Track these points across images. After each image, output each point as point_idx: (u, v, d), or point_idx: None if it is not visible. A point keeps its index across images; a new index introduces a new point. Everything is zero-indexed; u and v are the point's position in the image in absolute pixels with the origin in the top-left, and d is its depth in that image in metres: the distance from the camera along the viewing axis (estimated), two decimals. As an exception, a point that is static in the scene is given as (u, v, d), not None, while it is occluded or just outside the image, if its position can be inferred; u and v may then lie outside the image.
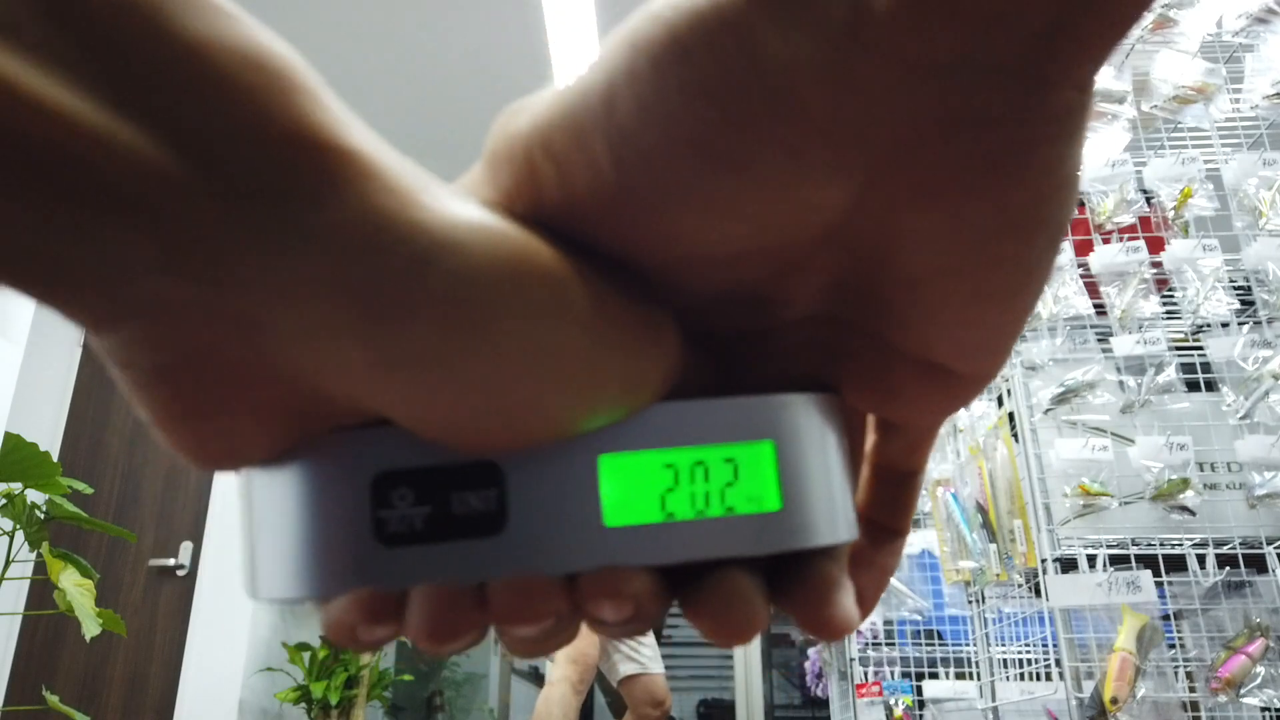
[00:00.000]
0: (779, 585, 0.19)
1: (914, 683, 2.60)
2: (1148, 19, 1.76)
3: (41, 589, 2.97)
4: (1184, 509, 1.63)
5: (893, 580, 2.63)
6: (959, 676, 2.55)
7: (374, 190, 0.15)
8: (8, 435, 1.94)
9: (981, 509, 1.91)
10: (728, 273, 0.18)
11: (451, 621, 0.17)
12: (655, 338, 0.18)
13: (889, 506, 0.23)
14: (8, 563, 1.95)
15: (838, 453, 0.20)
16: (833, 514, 0.19)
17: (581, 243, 0.17)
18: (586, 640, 2.49)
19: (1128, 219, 1.75)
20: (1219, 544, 1.66)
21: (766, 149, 0.15)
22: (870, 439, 0.23)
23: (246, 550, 0.19)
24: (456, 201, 0.16)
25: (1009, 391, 1.75)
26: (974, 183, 0.16)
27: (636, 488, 0.18)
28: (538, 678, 4.26)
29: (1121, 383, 1.70)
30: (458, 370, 0.16)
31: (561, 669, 2.42)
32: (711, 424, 0.18)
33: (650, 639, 2.81)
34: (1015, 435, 1.73)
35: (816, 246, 0.18)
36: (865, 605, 0.22)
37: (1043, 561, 1.62)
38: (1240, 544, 1.65)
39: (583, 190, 0.16)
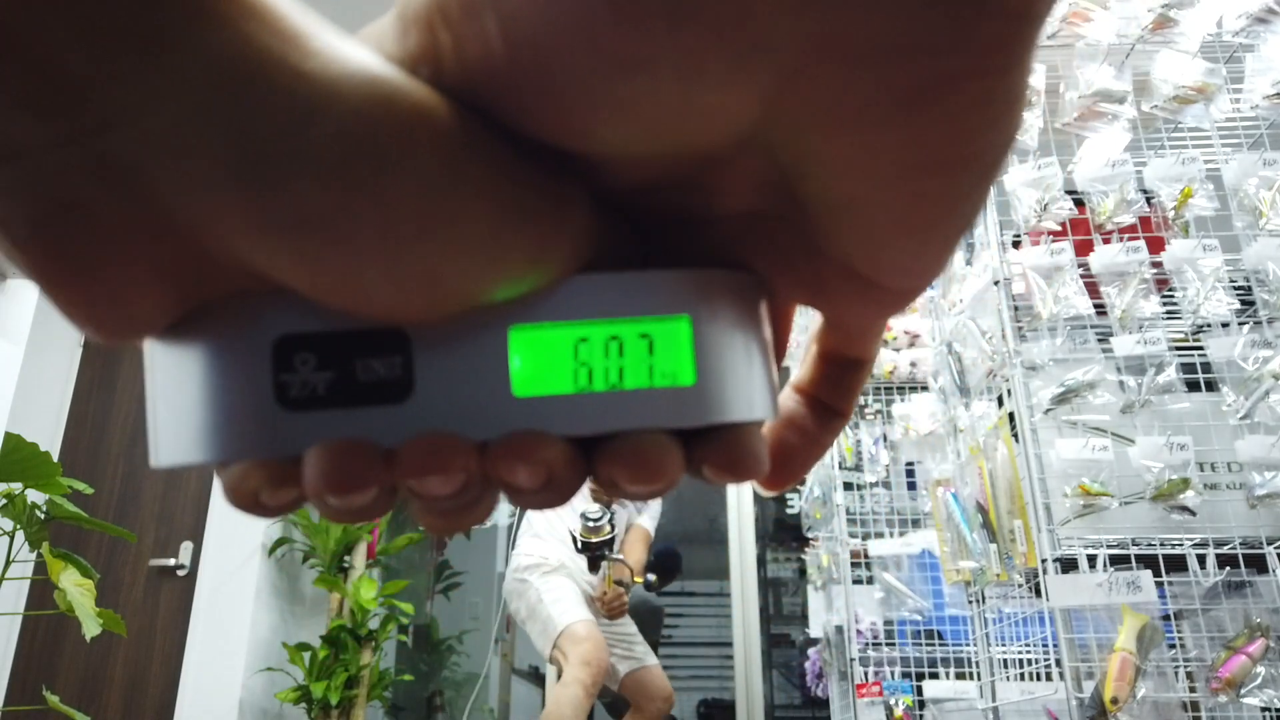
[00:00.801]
0: (692, 443, 0.18)
1: (914, 683, 2.60)
2: (1148, 19, 1.76)
3: (42, 589, 2.98)
4: (1184, 509, 1.63)
5: (893, 580, 2.64)
6: (959, 676, 2.55)
7: (253, 31, 0.14)
8: (8, 435, 1.95)
9: (982, 509, 1.91)
10: (641, 163, 0.17)
11: (351, 471, 0.16)
12: (563, 211, 0.17)
13: (832, 389, 0.22)
14: (8, 563, 1.95)
15: (757, 332, 0.20)
16: (748, 391, 0.19)
17: (484, 112, 0.16)
18: (598, 645, 2.50)
19: (1128, 219, 1.75)
20: (1219, 544, 1.66)
21: (659, 51, 0.14)
22: (816, 323, 0.23)
23: (150, 418, 0.18)
24: (349, 51, 0.15)
25: (1009, 391, 1.75)
26: (889, 115, 0.15)
27: (547, 359, 0.17)
28: (538, 678, 4.26)
29: (1122, 383, 1.70)
30: (345, 234, 0.15)
31: (574, 671, 2.41)
32: (627, 297, 0.18)
33: (639, 637, 2.81)
34: (1015, 435, 1.73)
35: (731, 151, 0.17)
36: (795, 472, 0.22)
37: (1043, 561, 1.62)
38: (1240, 544, 1.65)
39: (476, 66, 0.15)
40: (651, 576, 2.82)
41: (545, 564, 2.70)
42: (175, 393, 0.17)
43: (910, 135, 0.15)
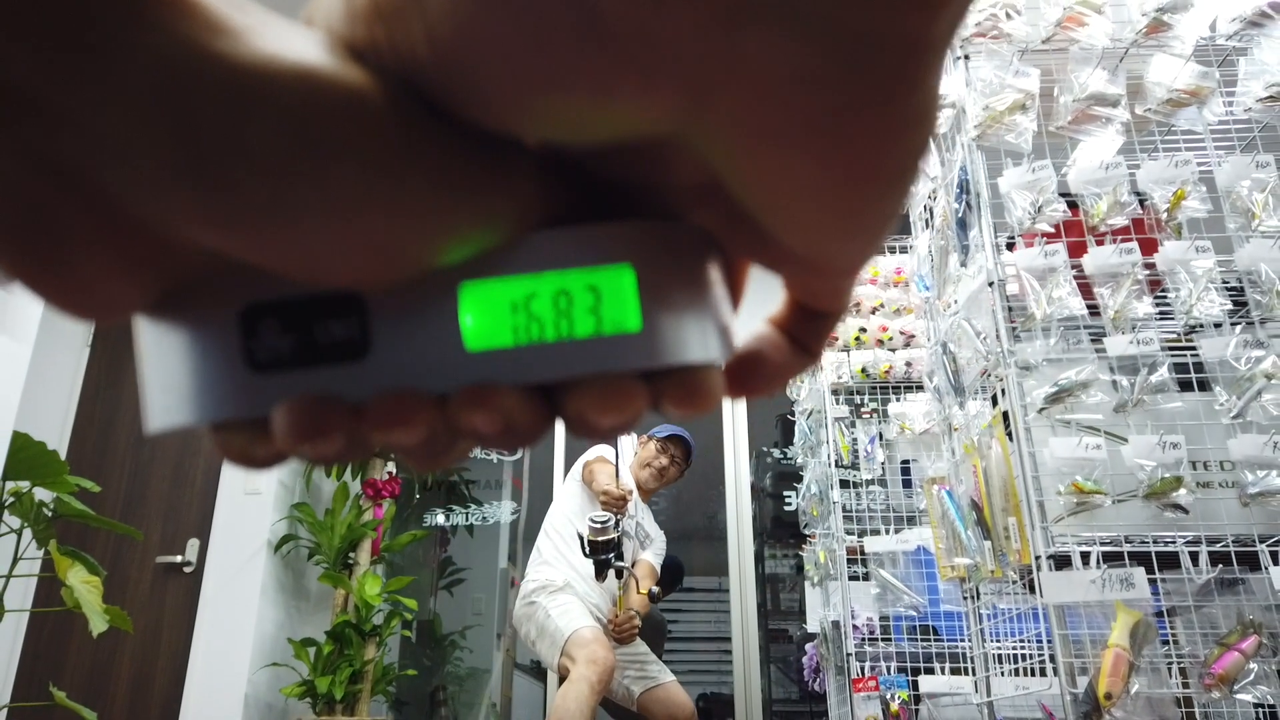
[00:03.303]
0: (653, 381, 0.19)
1: (910, 678, 2.61)
2: (1141, 23, 1.77)
3: (49, 586, 3.00)
4: (1177, 507, 1.64)
5: (889, 576, 2.65)
6: (954, 672, 2.57)
7: (188, 29, 0.15)
8: (16, 434, 1.96)
9: (976, 506, 1.93)
10: (579, 149, 0.18)
11: (313, 423, 0.17)
12: (505, 179, 0.18)
13: (801, 330, 0.23)
14: (16, 560, 1.97)
15: (702, 279, 0.20)
16: (695, 335, 0.20)
17: (424, 96, 0.17)
18: (604, 646, 2.56)
19: (1121, 221, 1.76)
20: (1212, 541, 1.67)
21: (569, 70, 0.15)
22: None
23: (142, 389, 0.20)
24: (286, 43, 0.16)
25: (1003, 391, 1.76)
26: (796, 136, 0.16)
27: (498, 313, 0.18)
28: (540, 673, 4.28)
29: (1115, 382, 1.72)
30: (291, 218, 0.16)
31: (580, 669, 2.47)
32: (573, 250, 0.19)
33: (652, 656, 2.86)
34: (1010, 434, 1.74)
35: (662, 144, 0.18)
36: (761, 389, 0.23)
37: (1037, 558, 1.63)
38: (1233, 541, 1.66)
39: (408, 59, 0.16)
40: (655, 588, 2.88)
41: (551, 584, 2.78)
42: (159, 363, 0.19)
43: (818, 153, 0.16)
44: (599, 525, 2.58)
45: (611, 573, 2.66)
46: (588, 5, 0.14)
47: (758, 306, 0.24)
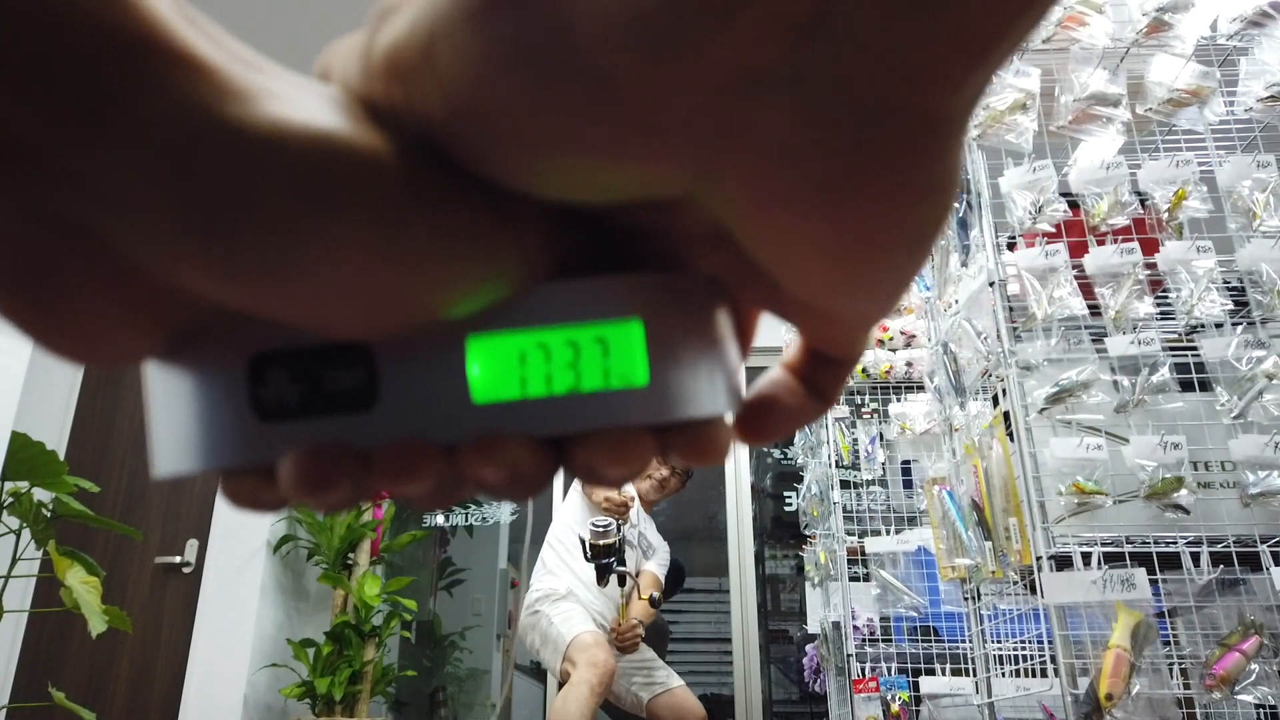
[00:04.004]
0: (660, 432, 0.19)
1: (910, 679, 2.61)
2: (1142, 23, 1.77)
3: (48, 586, 2.99)
4: (1178, 507, 1.64)
5: (890, 577, 2.65)
6: (955, 673, 2.57)
7: (198, 92, 0.15)
8: (15, 434, 1.96)
9: (977, 507, 1.92)
10: (590, 204, 0.18)
11: (319, 473, 0.17)
12: (515, 232, 0.18)
13: (815, 376, 0.23)
14: (15, 560, 1.97)
15: (711, 332, 0.20)
16: (703, 390, 0.20)
17: (438, 151, 0.17)
18: (605, 650, 2.58)
19: (1122, 221, 1.76)
20: (1213, 542, 1.67)
21: (579, 134, 0.15)
22: None
23: (151, 434, 0.20)
24: (296, 103, 0.16)
25: (1004, 391, 1.76)
26: (805, 201, 0.16)
27: (505, 366, 0.18)
28: (540, 674, 4.28)
29: (1116, 382, 1.71)
30: (298, 274, 0.16)
31: (581, 673, 2.49)
32: (582, 303, 0.19)
33: (660, 663, 2.88)
34: (1010, 434, 1.74)
35: (666, 200, 0.18)
36: (774, 434, 0.23)
37: (1038, 559, 1.63)
38: (1234, 542, 1.66)
39: (423, 119, 0.16)
40: (656, 594, 2.93)
41: (555, 593, 2.81)
42: (168, 409, 0.19)
43: (829, 218, 0.16)
44: (600, 529, 2.61)
45: (614, 578, 2.69)
46: (602, 73, 0.14)
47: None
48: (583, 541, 2.68)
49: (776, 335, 3.64)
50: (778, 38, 0.14)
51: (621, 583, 2.75)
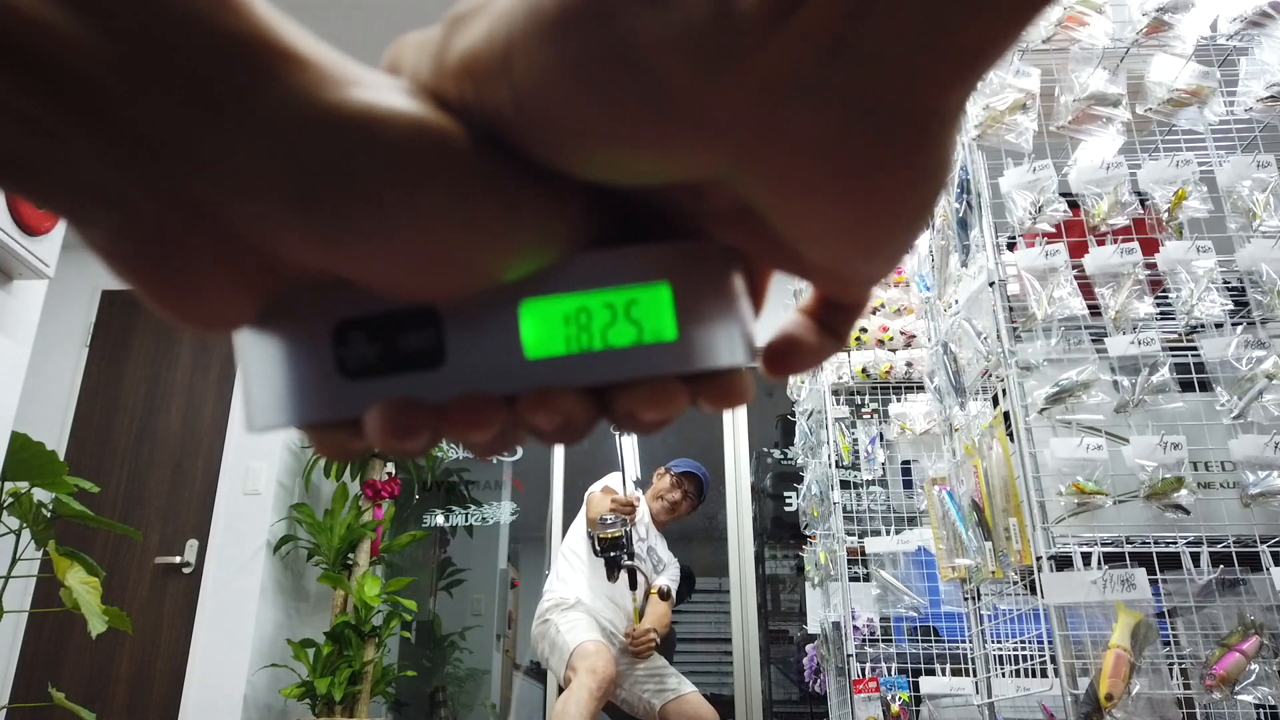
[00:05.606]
0: (691, 382, 0.22)
1: (910, 679, 2.61)
2: (1142, 23, 1.77)
3: (48, 586, 2.99)
4: (1178, 507, 1.64)
5: (890, 577, 2.65)
6: (955, 673, 2.57)
7: (303, 82, 0.17)
8: (15, 435, 1.96)
9: (977, 507, 1.92)
10: (634, 186, 0.21)
11: (403, 424, 0.20)
12: (563, 209, 0.21)
13: (829, 318, 0.26)
14: (14, 560, 1.97)
15: (731, 292, 0.23)
16: (724, 343, 0.22)
17: (500, 140, 0.20)
18: (605, 659, 2.68)
19: (1122, 221, 1.76)
20: (1213, 542, 1.67)
21: (638, 133, 0.18)
22: None
23: (244, 394, 0.23)
24: (383, 90, 0.19)
25: (1004, 391, 1.76)
26: (827, 186, 0.19)
27: (553, 326, 0.21)
28: (540, 674, 4.28)
29: (1116, 383, 1.71)
30: (386, 240, 0.19)
31: (581, 678, 2.60)
32: (617, 269, 0.21)
33: (671, 669, 2.96)
34: (1010, 434, 1.74)
35: (700, 187, 0.21)
36: (794, 369, 0.26)
37: (1038, 559, 1.63)
38: (1234, 542, 1.66)
39: (493, 114, 0.19)
40: (665, 585, 3.04)
41: (564, 602, 2.93)
42: (260, 371, 0.22)
43: (846, 201, 0.19)
44: (608, 524, 2.77)
45: (623, 576, 2.81)
46: (660, 83, 0.17)
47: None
48: (591, 538, 2.83)
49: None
50: (808, 55, 0.16)
51: (632, 580, 2.84)
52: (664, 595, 2.95)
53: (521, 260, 0.20)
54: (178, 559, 3.68)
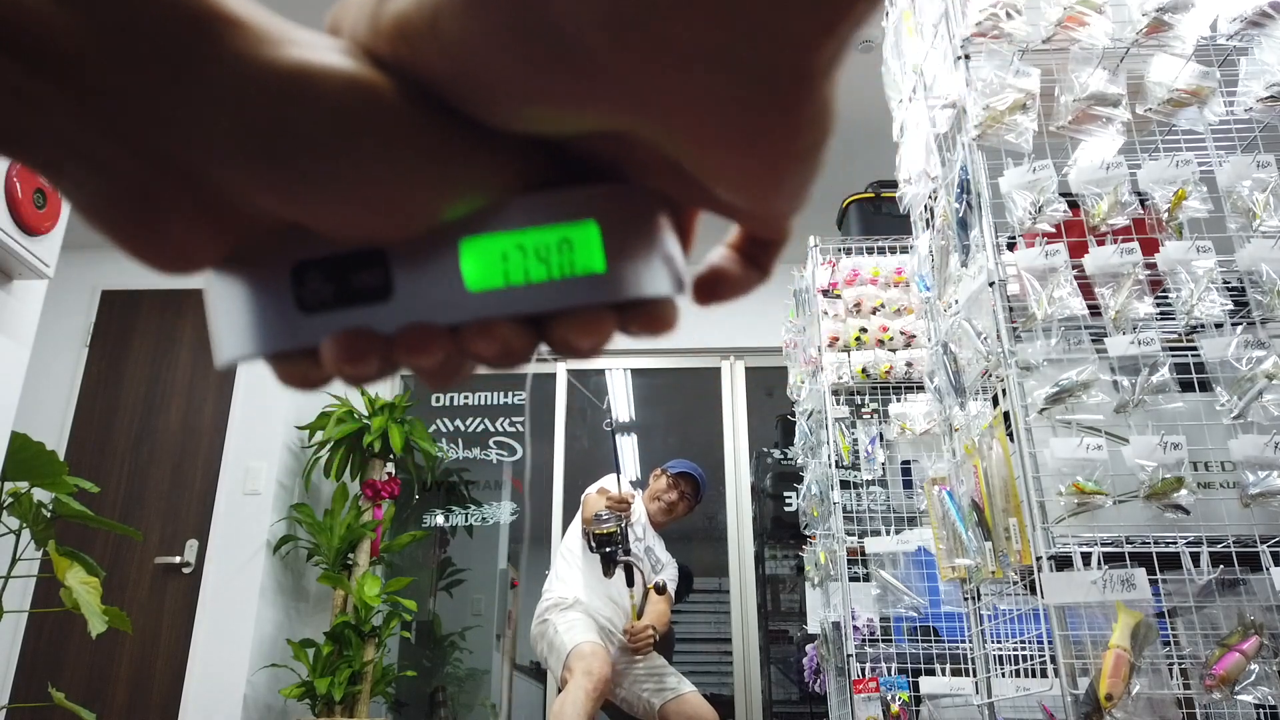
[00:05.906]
0: (621, 310, 0.24)
1: (910, 679, 2.61)
2: (1142, 23, 1.77)
3: (48, 587, 3.00)
4: (1178, 507, 1.64)
5: (889, 577, 2.65)
6: (955, 673, 2.57)
7: (242, 38, 0.19)
8: (14, 435, 1.96)
9: (977, 507, 1.92)
10: (561, 137, 0.23)
11: (355, 350, 0.23)
12: (498, 156, 0.23)
13: (755, 253, 0.29)
14: (14, 560, 1.97)
15: (654, 229, 0.25)
16: (650, 275, 0.24)
17: (437, 95, 0.21)
18: (601, 660, 2.72)
19: (1122, 221, 1.76)
20: (1213, 542, 1.67)
21: (555, 89, 0.20)
22: None
23: (213, 329, 0.25)
24: (315, 50, 0.20)
25: (1004, 391, 1.76)
26: (728, 138, 0.21)
27: (491, 261, 0.23)
28: (540, 674, 4.28)
29: (1116, 383, 1.71)
30: (335, 187, 0.21)
31: (577, 679, 2.63)
32: (550, 210, 0.23)
33: (671, 669, 2.98)
34: (1010, 434, 1.74)
35: (626, 138, 0.23)
36: (721, 297, 0.28)
37: (1038, 559, 1.63)
38: (1234, 542, 1.66)
39: (425, 73, 0.21)
40: (662, 580, 3.07)
41: (563, 602, 2.96)
42: (227, 309, 0.24)
43: (744, 147, 0.22)
44: (601, 519, 2.81)
45: (619, 572, 2.83)
46: (580, 48, 0.19)
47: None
48: (587, 536, 2.87)
49: (775, 337, 3.64)
50: (700, 27, 0.18)
51: (629, 577, 2.86)
52: (660, 589, 2.97)
53: (457, 204, 0.22)
54: (178, 559, 3.68)
